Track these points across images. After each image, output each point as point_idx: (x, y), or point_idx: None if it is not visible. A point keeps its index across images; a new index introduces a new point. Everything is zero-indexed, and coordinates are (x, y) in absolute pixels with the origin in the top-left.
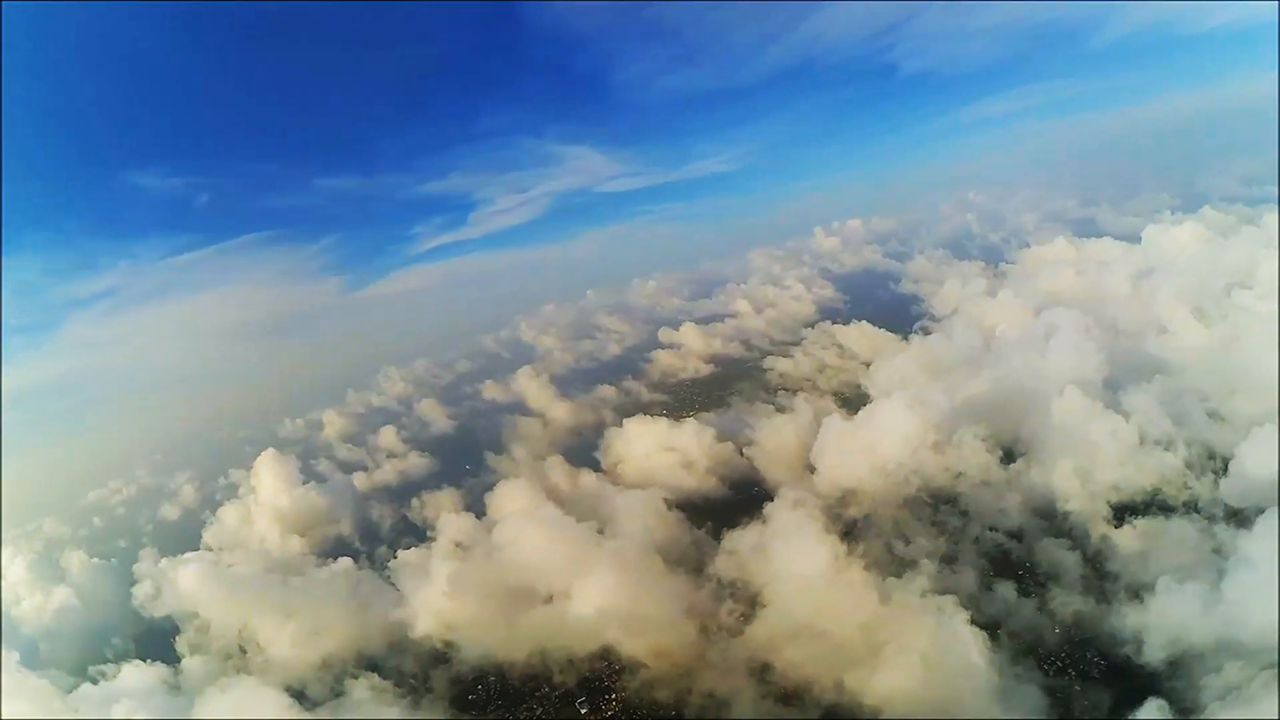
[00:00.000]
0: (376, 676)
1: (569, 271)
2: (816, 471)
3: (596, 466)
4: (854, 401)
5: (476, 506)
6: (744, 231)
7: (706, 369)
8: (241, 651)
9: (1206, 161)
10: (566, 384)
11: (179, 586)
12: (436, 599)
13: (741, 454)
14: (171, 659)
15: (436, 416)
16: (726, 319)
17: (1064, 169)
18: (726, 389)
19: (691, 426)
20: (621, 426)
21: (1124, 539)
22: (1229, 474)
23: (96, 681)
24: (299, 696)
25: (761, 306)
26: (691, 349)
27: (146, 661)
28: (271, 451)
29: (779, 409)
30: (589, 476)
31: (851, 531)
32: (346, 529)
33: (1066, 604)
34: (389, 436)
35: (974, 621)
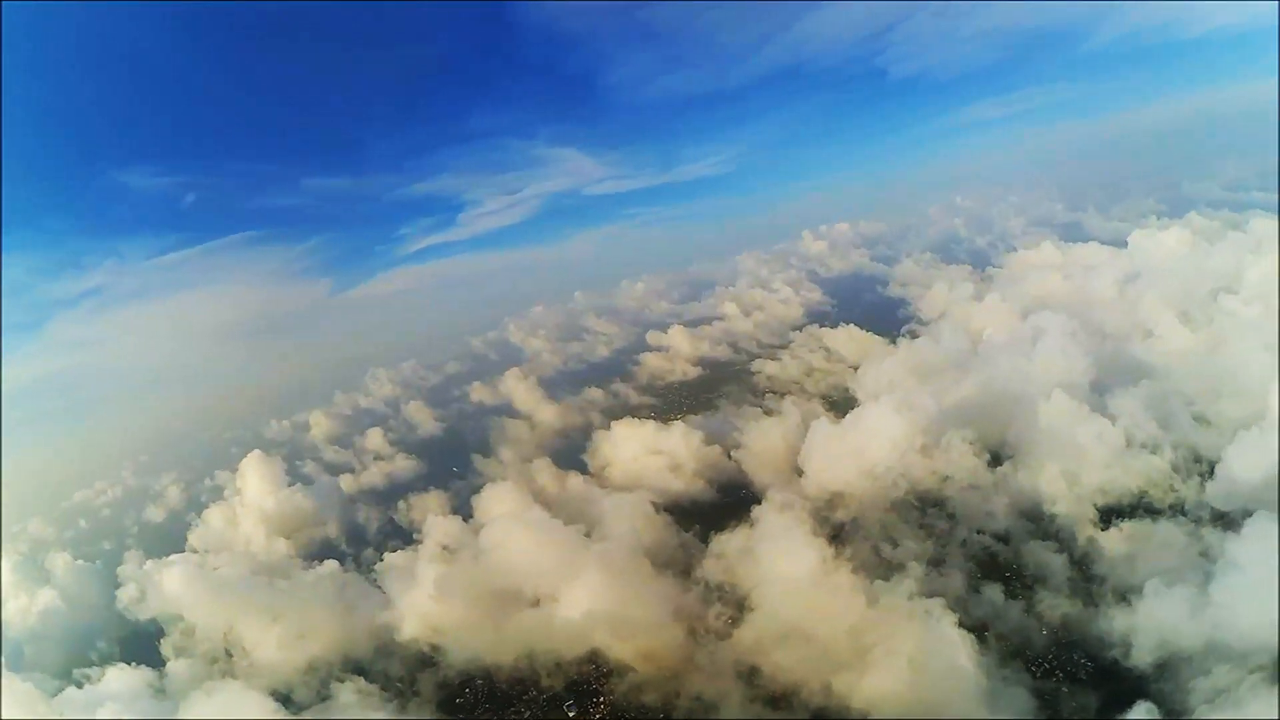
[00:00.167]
0: (363, 680)
1: (558, 273)
2: (804, 474)
3: (584, 469)
4: (842, 404)
5: (463, 509)
6: (733, 234)
7: (694, 372)
8: (227, 655)
9: (1194, 167)
10: (554, 386)
11: (164, 589)
12: (423, 602)
13: (729, 457)
14: (156, 662)
15: (424, 418)
16: (714, 322)
17: (1052, 173)
18: (714, 392)
19: (679, 429)
20: (609, 429)
21: (1111, 542)
22: (1215, 477)
23: (81, 685)
24: (285, 700)
25: (749, 309)
26: (679, 352)
27: (131, 665)
28: (257, 453)
29: (767, 412)
30: (576, 479)
31: (839, 534)
32: (333, 531)
33: (1054, 606)
34: (376, 438)
35: (961, 624)
